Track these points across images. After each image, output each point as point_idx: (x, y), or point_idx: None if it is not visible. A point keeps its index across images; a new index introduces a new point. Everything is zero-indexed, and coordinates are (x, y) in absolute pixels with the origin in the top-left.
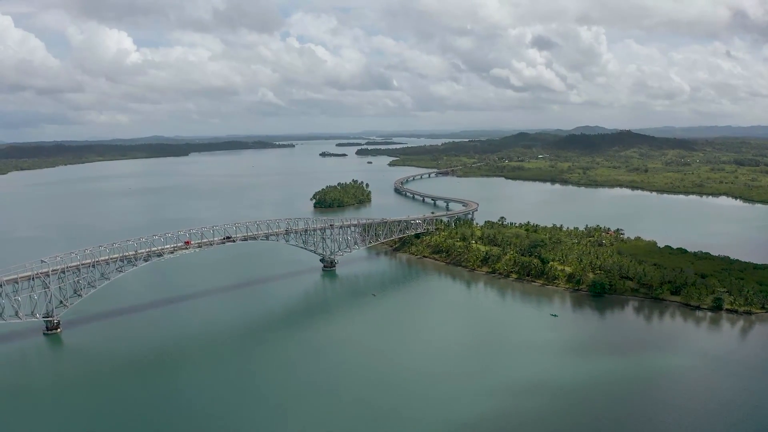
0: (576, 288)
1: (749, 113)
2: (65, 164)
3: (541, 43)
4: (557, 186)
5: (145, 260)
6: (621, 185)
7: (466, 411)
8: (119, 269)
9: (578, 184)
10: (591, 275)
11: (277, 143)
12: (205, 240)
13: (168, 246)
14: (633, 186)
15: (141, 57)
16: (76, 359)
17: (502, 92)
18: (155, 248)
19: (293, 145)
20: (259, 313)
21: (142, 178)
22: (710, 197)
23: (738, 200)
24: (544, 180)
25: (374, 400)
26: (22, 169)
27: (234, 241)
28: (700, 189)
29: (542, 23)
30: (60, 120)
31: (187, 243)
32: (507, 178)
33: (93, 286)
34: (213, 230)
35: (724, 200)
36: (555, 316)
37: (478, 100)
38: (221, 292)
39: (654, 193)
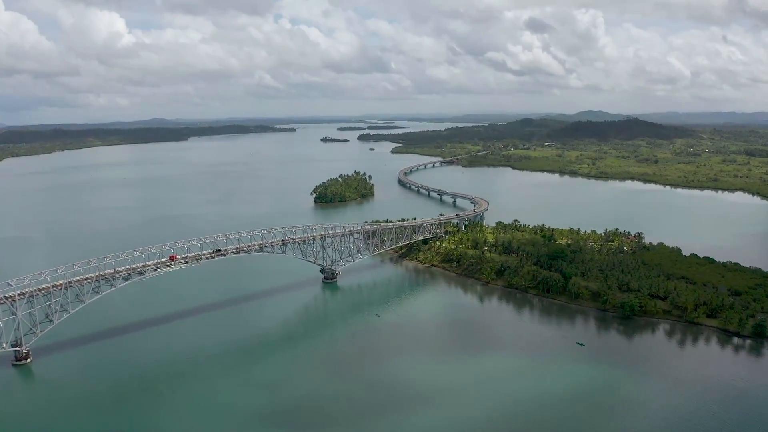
0: (602, 308)
1: (752, 99)
2: (62, 150)
3: (535, 26)
4: (566, 178)
5: (125, 279)
6: (633, 178)
7: None
8: (95, 290)
9: (588, 176)
10: (618, 294)
11: (278, 127)
12: (192, 254)
13: (150, 262)
14: (645, 179)
15: (133, 39)
16: (49, 393)
17: (501, 76)
18: (136, 265)
19: (294, 129)
20: (251, 335)
21: (138, 166)
22: (726, 192)
23: (756, 196)
24: (552, 171)
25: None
26: (18, 156)
27: (225, 254)
28: (715, 184)
29: (538, 6)
30: (59, 103)
31: (172, 258)
32: (514, 168)
33: (66, 311)
34: (201, 243)
35: (740, 196)
36: (581, 345)
37: (478, 84)
38: (211, 309)
39: (668, 188)
